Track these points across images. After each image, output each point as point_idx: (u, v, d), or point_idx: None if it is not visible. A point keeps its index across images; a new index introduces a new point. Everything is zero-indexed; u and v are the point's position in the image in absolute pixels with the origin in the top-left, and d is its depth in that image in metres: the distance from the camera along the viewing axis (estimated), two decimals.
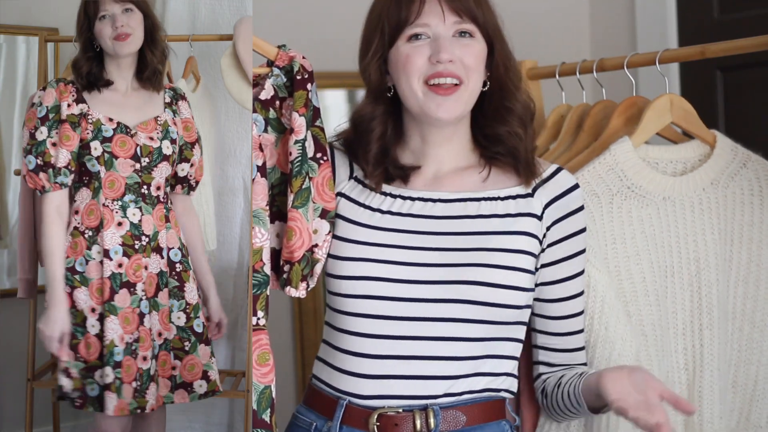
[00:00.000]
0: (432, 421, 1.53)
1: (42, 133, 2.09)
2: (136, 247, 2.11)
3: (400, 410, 1.54)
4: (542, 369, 1.66)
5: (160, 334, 2.16)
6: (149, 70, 2.18)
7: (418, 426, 1.53)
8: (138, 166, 2.12)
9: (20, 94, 2.57)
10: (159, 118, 2.17)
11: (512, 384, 1.61)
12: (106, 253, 2.09)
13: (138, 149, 2.12)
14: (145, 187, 2.13)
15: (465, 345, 1.55)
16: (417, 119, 1.61)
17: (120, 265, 2.10)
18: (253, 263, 1.56)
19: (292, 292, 1.59)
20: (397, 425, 1.54)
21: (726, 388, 1.82)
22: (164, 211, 2.16)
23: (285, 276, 1.60)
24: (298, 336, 2.88)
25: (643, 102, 1.89)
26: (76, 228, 2.10)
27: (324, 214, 1.61)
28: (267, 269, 1.57)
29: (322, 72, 2.76)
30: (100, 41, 2.13)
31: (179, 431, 2.62)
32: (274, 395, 1.55)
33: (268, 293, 1.57)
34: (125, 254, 2.10)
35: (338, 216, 1.63)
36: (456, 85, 1.55)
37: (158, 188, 2.15)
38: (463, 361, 1.55)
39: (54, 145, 2.09)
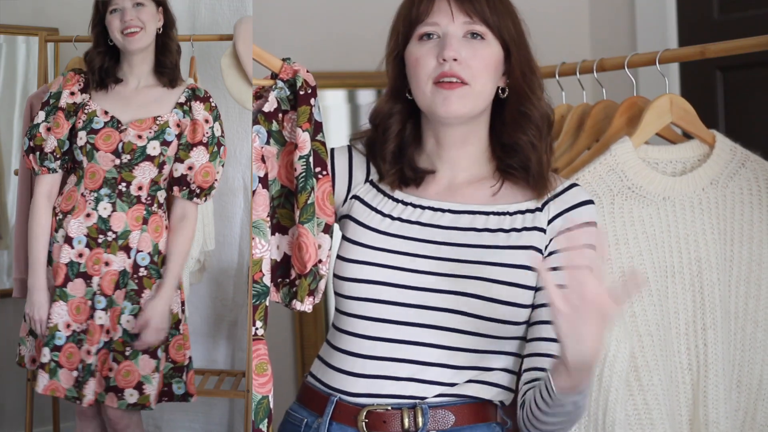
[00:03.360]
0: (420, 419, 1.54)
1: (39, 117, 2.11)
2: (99, 241, 2.10)
3: (389, 408, 1.55)
4: (526, 376, 1.57)
5: (107, 332, 2.13)
6: (164, 65, 2.16)
7: (406, 424, 1.54)
8: (118, 161, 2.10)
9: (20, 94, 2.57)
10: (159, 118, 2.14)
11: (506, 397, 1.61)
12: (68, 240, 2.09)
13: (120, 145, 2.11)
14: (123, 184, 2.11)
15: (459, 355, 1.56)
16: (431, 120, 1.61)
17: (80, 255, 2.09)
18: (253, 274, 1.56)
19: (297, 305, 1.60)
20: (385, 422, 1.55)
21: (731, 388, 1.81)
22: (143, 212, 2.13)
23: (293, 290, 1.61)
24: (298, 336, 2.88)
25: (644, 102, 1.89)
26: (53, 209, 2.13)
27: (326, 228, 1.61)
28: (266, 280, 1.57)
29: (322, 72, 2.76)
30: (111, 35, 2.11)
31: (179, 431, 2.62)
32: (271, 405, 1.55)
33: (267, 304, 1.57)
34: (87, 245, 2.10)
35: (350, 218, 1.64)
36: (462, 84, 1.55)
37: (140, 188, 2.12)
38: (456, 370, 1.56)
39: (48, 130, 2.11)
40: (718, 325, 1.80)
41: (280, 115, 1.61)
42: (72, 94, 2.12)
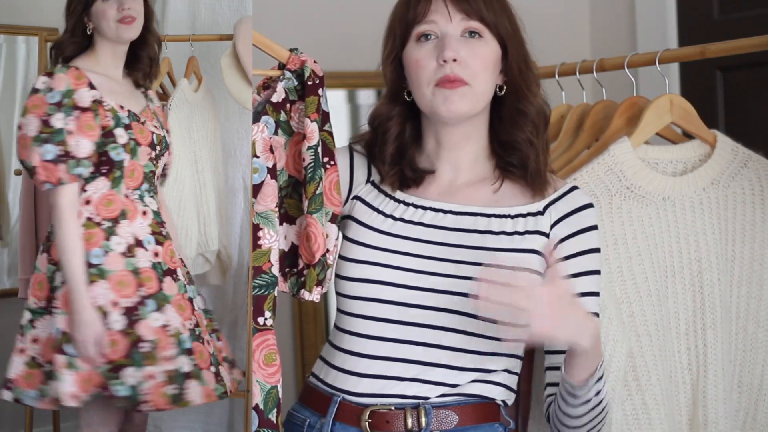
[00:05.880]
0: (423, 419, 1.54)
1: (59, 121, 1.94)
2: (164, 233, 2.06)
3: (392, 408, 1.55)
4: (549, 390, 1.61)
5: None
6: (145, 60, 2.12)
7: (410, 424, 1.54)
8: (153, 154, 2.07)
9: (20, 94, 2.57)
10: (149, 107, 2.12)
11: (508, 396, 1.62)
12: (139, 244, 2.00)
13: (153, 137, 2.07)
14: (153, 175, 2.08)
15: (461, 355, 1.56)
16: (431, 121, 1.62)
17: (156, 254, 2.02)
18: (261, 264, 1.57)
19: (305, 295, 1.61)
20: (388, 422, 1.55)
21: (731, 389, 1.81)
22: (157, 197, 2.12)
23: (301, 280, 1.61)
24: (298, 336, 2.88)
25: (644, 102, 1.89)
26: (89, 219, 1.97)
27: (333, 218, 1.62)
28: (275, 270, 1.58)
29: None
30: (100, 23, 2.03)
31: (179, 431, 2.62)
32: (280, 395, 1.56)
33: (276, 294, 1.57)
34: (158, 243, 2.04)
35: (351, 218, 1.64)
36: (463, 83, 1.55)
37: (157, 177, 2.11)
38: (459, 371, 1.56)
39: (71, 133, 1.94)
40: (718, 325, 1.80)
41: (288, 105, 1.62)
42: (89, 90, 2.00)
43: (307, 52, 1.65)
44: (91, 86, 2.01)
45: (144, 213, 2.04)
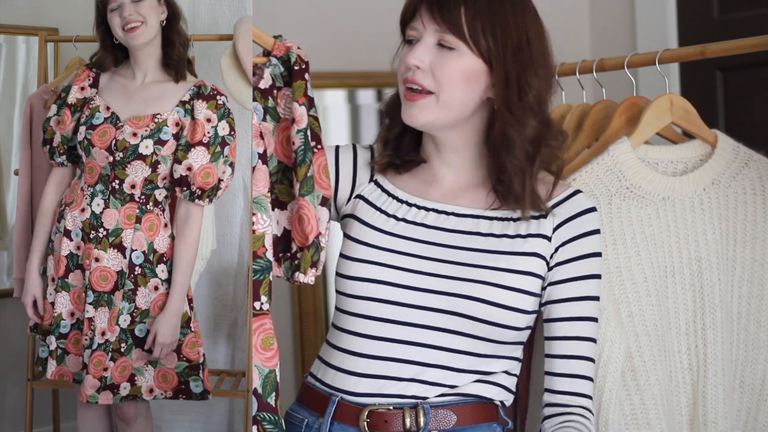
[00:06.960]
0: (422, 419, 1.55)
1: (51, 111, 2.16)
2: (91, 236, 2.10)
3: (391, 407, 1.55)
4: (547, 398, 1.60)
5: (103, 333, 2.10)
6: (170, 58, 2.15)
7: (408, 424, 1.54)
8: (112, 159, 2.09)
9: (20, 94, 2.57)
10: (158, 116, 2.11)
11: (507, 397, 1.62)
12: (67, 233, 2.11)
13: (114, 142, 2.09)
14: (117, 182, 2.09)
15: (461, 357, 1.56)
16: None
17: (78, 248, 2.11)
18: (255, 249, 1.58)
19: (300, 278, 1.61)
20: (387, 422, 1.55)
21: (732, 389, 1.81)
22: (136, 211, 2.10)
23: (295, 263, 1.61)
24: (298, 336, 2.88)
25: (644, 102, 1.89)
26: (62, 200, 2.17)
27: (324, 201, 1.62)
28: (269, 255, 1.59)
29: (322, 72, 2.76)
30: (113, 33, 2.12)
31: (179, 431, 2.62)
32: (278, 379, 1.56)
33: (271, 279, 1.58)
34: (82, 239, 2.11)
35: (354, 217, 1.64)
36: (427, 92, 1.54)
37: (133, 186, 2.10)
38: (458, 372, 1.56)
39: (58, 124, 2.14)
40: (718, 325, 1.80)
41: (275, 91, 1.63)
42: (81, 89, 2.13)
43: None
44: (93, 85, 2.15)
45: (83, 210, 2.12)
